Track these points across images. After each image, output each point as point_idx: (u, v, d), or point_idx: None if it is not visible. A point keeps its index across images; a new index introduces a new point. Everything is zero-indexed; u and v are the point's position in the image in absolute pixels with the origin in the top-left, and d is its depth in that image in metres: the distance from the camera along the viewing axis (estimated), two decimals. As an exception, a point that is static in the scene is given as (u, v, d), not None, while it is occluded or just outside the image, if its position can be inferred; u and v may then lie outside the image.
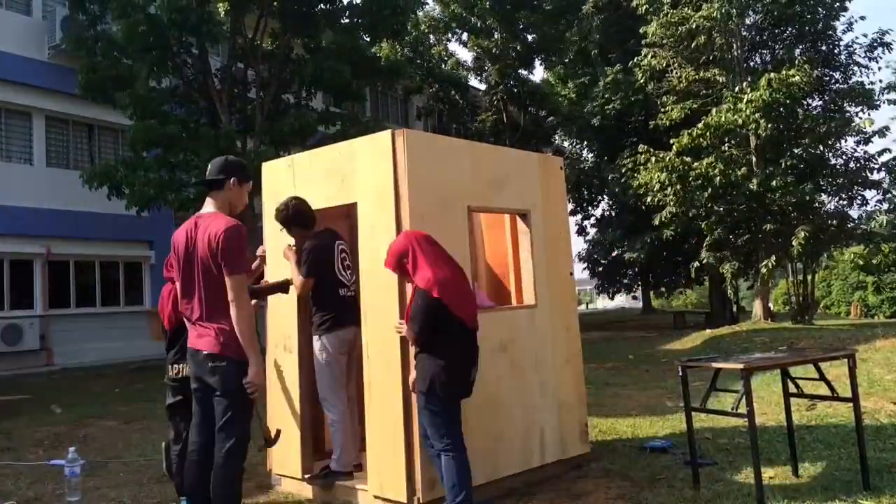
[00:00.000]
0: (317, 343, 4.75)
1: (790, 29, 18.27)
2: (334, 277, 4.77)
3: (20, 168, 16.17)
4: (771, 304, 20.69)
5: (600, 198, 26.57)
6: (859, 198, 17.52)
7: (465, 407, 4.43)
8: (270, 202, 5.27)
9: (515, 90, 24.86)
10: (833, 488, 4.28)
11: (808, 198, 16.07)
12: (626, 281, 27.32)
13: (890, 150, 16.92)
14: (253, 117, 15.01)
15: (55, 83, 16.00)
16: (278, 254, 5.16)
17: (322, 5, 15.18)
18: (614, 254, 24.85)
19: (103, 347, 16.18)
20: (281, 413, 5.07)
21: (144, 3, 13.14)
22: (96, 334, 16.32)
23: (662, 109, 18.69)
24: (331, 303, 4.74)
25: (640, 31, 18.34)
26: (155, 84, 14.13)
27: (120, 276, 17.67)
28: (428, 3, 20.91)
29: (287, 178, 5.15)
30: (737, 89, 16.56)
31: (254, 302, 4.00)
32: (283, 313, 5.09)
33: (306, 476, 4.90)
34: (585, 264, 26.71)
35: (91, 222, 15.90)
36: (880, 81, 22.54)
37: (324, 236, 4.86)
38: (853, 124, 16.57)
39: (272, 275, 5.21)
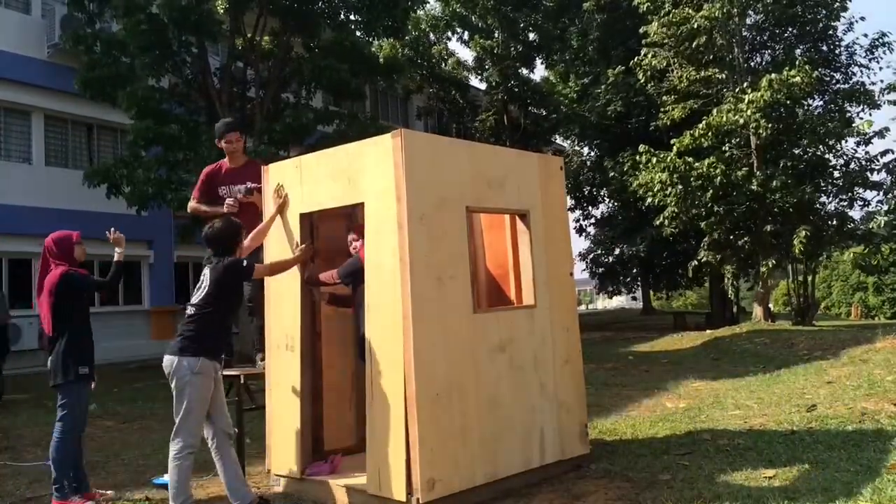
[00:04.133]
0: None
1: (791, 29, 18.27)
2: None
3: (19, 167, 16.15)
4: (771, 305, 20.69)
5: (601, 197, 26.58)
6: (860, 199, 17.51)
7: (465, 406, 4.44)
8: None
9: (516, 90, 24.83)
10: (833, 489, 4.27)
11: (808, 198, 16.07)
12: (626, 280, 27.29)
13: (892, 151, 16.86)
14: (252, 116, 15.00)
15: (54, 82, 15.98)
16: (282, 257, 5.13)
17: (321, 3, 15.16)
18: (616, 251, 24.86)
19: (102, 347, 15.99)
20: (281, 413, 5.06)
21: (146, 2, 13.13)
22: (95, 334, 16.23)
23: (663, 109, 18.68)
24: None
25: (641, 30, 18.32)
26: (154, 83, 14.11)
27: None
28: (429, 2, 20.89)
29: (294, 178, 5.14)
30: (738, 89, 16.55)
31: None
32: (286, 312, 5.08)
33: (304, 475, 4.89)
34: (586, 264, 26.71)
35: (90, 221, 15.70)
36: (881, 81, 22.56)
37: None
38: (853, 125, 16.57)
39: (278, 280, 5.20)
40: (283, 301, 5.12)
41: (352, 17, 15.78)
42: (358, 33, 15.97)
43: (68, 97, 15.70)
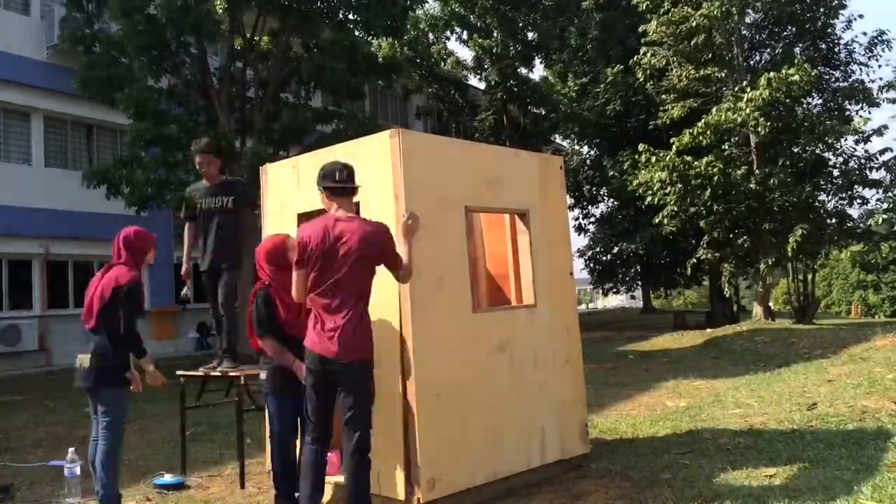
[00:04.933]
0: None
1: (790, 27, 18.26)
2: None
3: (19, 168, 16.15)
4: (771, 304, 20.67)
5: (600, 196, 26.57)
6: (859, 197, 17.49)
7: (465, 406, 4.44)
8: (274, 203, 5.27)
9: (515, 89, 24.83)
10: (833, 488, 4.26)
11: (807, 197, 16.07)
12: (626, 279, 27.26)
13: (891, 149, 16.87)
14: (252, 116, 14.99)
15: (54, 83, 15.98)
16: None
17: (320, 2, 15.15)
18: (615, 250, 24.85)
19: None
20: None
21: (144, 2, 13.12)
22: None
23: (662, 108, 18.67)
24: None
25: (640, 29, 18.32)
26: (153, 83, 14.10)
27: (119, 276, 17.63)
28: (427, 2, 20.89)
29: (290, 179, 5.14)
30: (737, 88, 16.55)
31: None
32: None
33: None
34: (584, 262, 26.70)
35: (90, 222, 15.87)
36: (880, 79, 22.51)
37: None
38: (851, 123, 16.55)
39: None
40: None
41: (350, 17, 15.75)
42: (357, 33, 15.95)
43: (68, 98, 15.70)
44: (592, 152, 26.52)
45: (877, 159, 16.97)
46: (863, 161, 17.18)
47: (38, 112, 16.45)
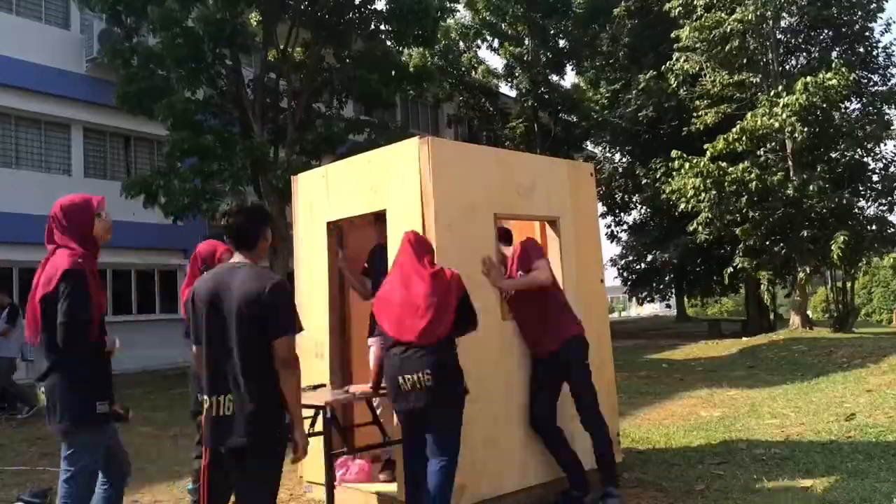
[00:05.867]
0: None
1: (826, 31, 17.99)
2: None
3: (59, 179, 16.51)
4: (809, 312, 20.30)
5: (633, 203, 26.34)
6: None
7: (495, 414, 4.43)
8: (305, 212, 5.33)
9: (546, 96, 24.79)
10: (872, 500, 4.17)
11: (846, 203, 15.75)
12: (660, 287, 26.92)
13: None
14: (285, 127, 15.17)
15: (93, 95, 16.34)
16: (310, 265, 5.17)
17: (351, 13, 15.31)
18: (648, 258, 24.59)
19: (139, 354, 16.41)
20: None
21: (183, 16, 13.37)
22: (132, 341, 16.54)
23: (696, 114, 18.47)
24: None
25: (673, 35, 18.16)
26: (190, 95, 14.34)
27: (155, 284, 17.95)
28: (458, 11, 20.94)
29: (321, 187, 5.20)
30: (772, 93, 16.31)
31: None
32: (315, 319, 5.11)
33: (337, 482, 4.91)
34: (617, 270, 26.44)
35: (127, 232, 16.06)
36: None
37: None
38: (893, 127, 16.22)
39: (308, 288, 5.24)
40: (312, 307, 5.15)
41: (382, 28, 15.87)
42: (388, 43, 16.07)
43: (106, 110, 16.04)
44: (624, 160, 26.31)
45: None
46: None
47: (77, 124, 16.84)
